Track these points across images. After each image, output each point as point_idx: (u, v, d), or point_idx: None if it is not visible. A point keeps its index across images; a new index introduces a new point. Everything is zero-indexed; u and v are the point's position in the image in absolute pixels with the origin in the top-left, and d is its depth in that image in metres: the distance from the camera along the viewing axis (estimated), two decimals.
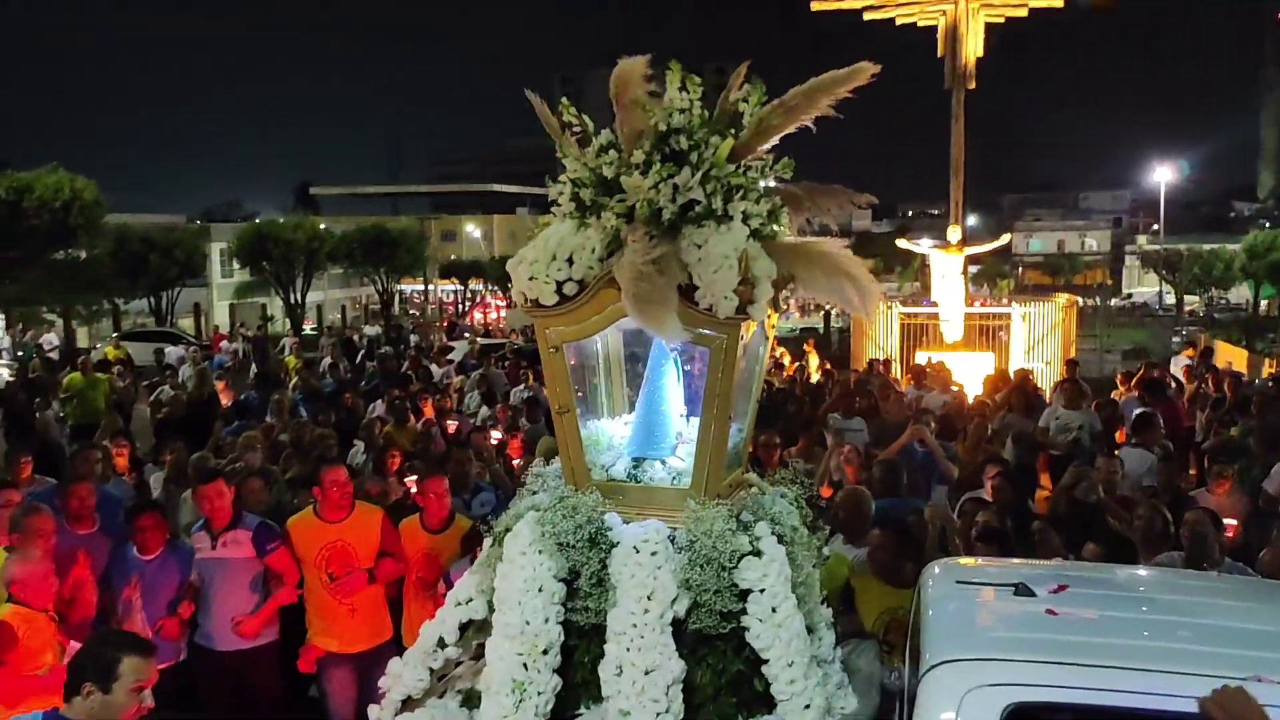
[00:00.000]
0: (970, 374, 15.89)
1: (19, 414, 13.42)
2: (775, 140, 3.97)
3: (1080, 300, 50.49)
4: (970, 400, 13.14)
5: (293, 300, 41.03)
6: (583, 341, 4.21)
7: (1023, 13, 19.11)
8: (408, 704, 4.20)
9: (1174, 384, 14.71)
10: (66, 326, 37.11)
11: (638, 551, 3.75)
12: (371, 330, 40.70)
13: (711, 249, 3.69)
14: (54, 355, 26.64)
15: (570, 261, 3.84)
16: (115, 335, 34.92)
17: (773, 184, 4.13)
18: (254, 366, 23.50)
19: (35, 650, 4.95)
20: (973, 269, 61.97)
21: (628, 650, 3.65)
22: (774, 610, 3.78)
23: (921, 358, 17.33)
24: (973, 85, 19.60)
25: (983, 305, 20.57)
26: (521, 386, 14.59)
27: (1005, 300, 21.48)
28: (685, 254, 3.71)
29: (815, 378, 16.30)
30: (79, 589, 5.73)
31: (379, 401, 12.92)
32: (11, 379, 20.24)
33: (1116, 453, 8.69)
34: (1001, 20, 19.28)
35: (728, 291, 3.67)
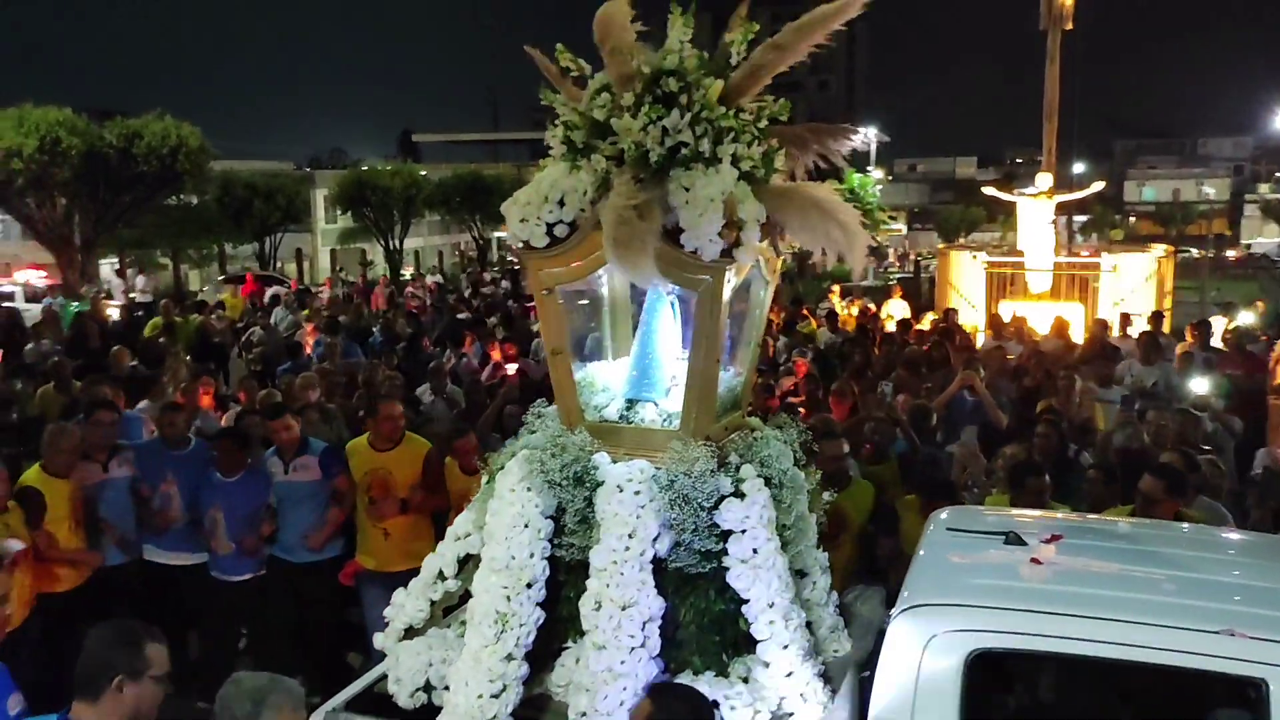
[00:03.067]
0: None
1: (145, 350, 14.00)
2: (768, 80, 3.93)
3: (1193, 251, 48.63)
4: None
5: (391, 246, 41.84)
6: (584, 285, 4.27)
7: None
8: (410, 633, 4.37)
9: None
10: (175, 270, 38.50)
11: (621, 490, 3.82)
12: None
13: (698, 191, 3.69)
14: (145, 298, 27.57)
15: (561, 203, 3.88)
16: (220, 279, 36.14)
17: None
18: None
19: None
20: (1080, 218, 60.20)
21: (607, 586, 3.73)
22: (755, 551, 3.82)
23: (1006, 308, 16.92)
24: (1070, 25, 18.80)
25: (1074, 255, 19.90)
26: None
27: (1095, 251, 20.70)
28: (673, 196, 3.72)
29: (890, 327, 16.04)
30: (167, 501, 6.50)
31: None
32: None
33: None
34: None
35: (713, 234, 3.67)
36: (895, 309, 18.67)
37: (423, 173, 45.29)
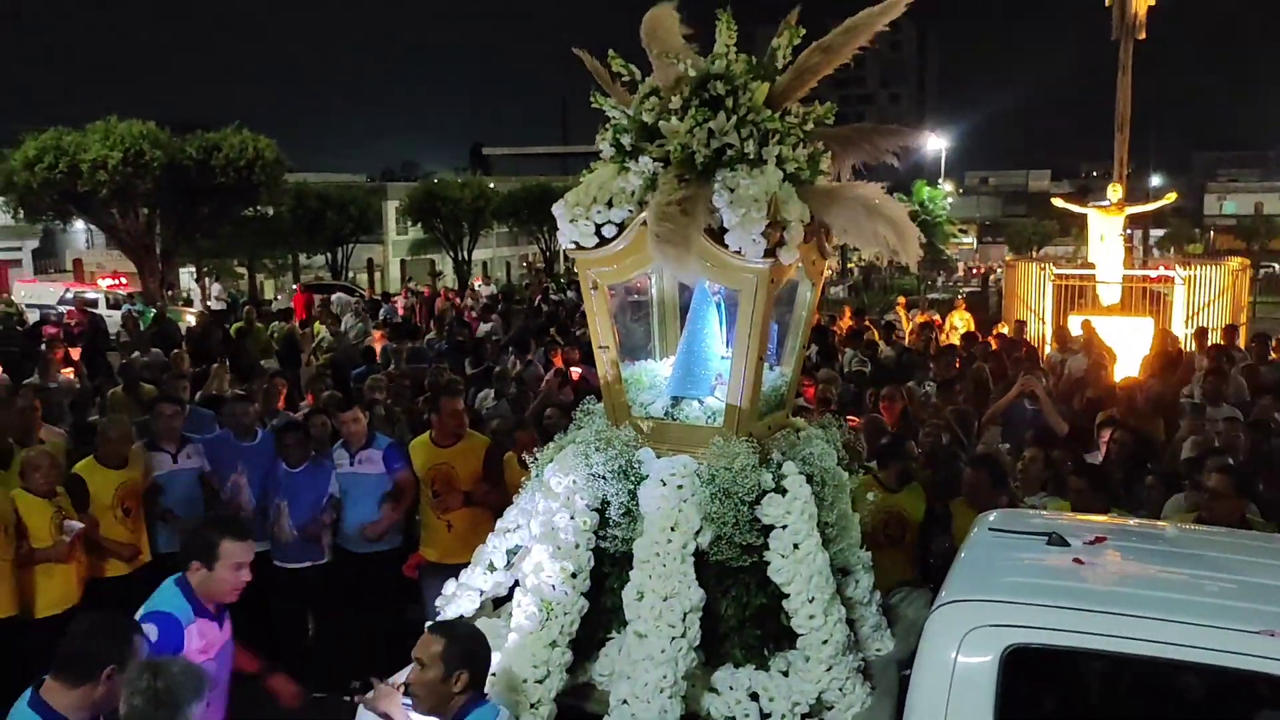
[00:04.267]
0: (1127, 339, 15.22)
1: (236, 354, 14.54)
2: (814, 82, 4.00)
3: (1276, 266, 47.26)
4: (1112, 366, 12.60)
5: (460, 257, 42.51)
6: (632, 284, 4.38)
7: None
8: None
9: None
10: (251, 279, 39.50)
11: (664, 484, 3.90)
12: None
13: (742, 192, 3.76)
14: (220, 305, 28.35)
15: (610, 204, 3.98)
16: (295, 287, 36.99)
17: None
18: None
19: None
20: (1158, 232, 58.90)
21: (650, 577, 3.82)
22: (795, 546, 3.88)
23: (1075, 321, 16.68)
24: (1143, 36, 18.51)
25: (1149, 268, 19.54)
26: None
27: (1168, 264, 20.28)
28: (717, 196, 3.80)
29: (952, 340, 15.90)
30: (236, 491, 6.82)
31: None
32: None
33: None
34: None
35: (756, 234, 3.74)
36: (959, 322, 18.51)
37: (491, 185, 45.93)
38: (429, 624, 3.64)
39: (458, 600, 4.48)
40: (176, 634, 3.91)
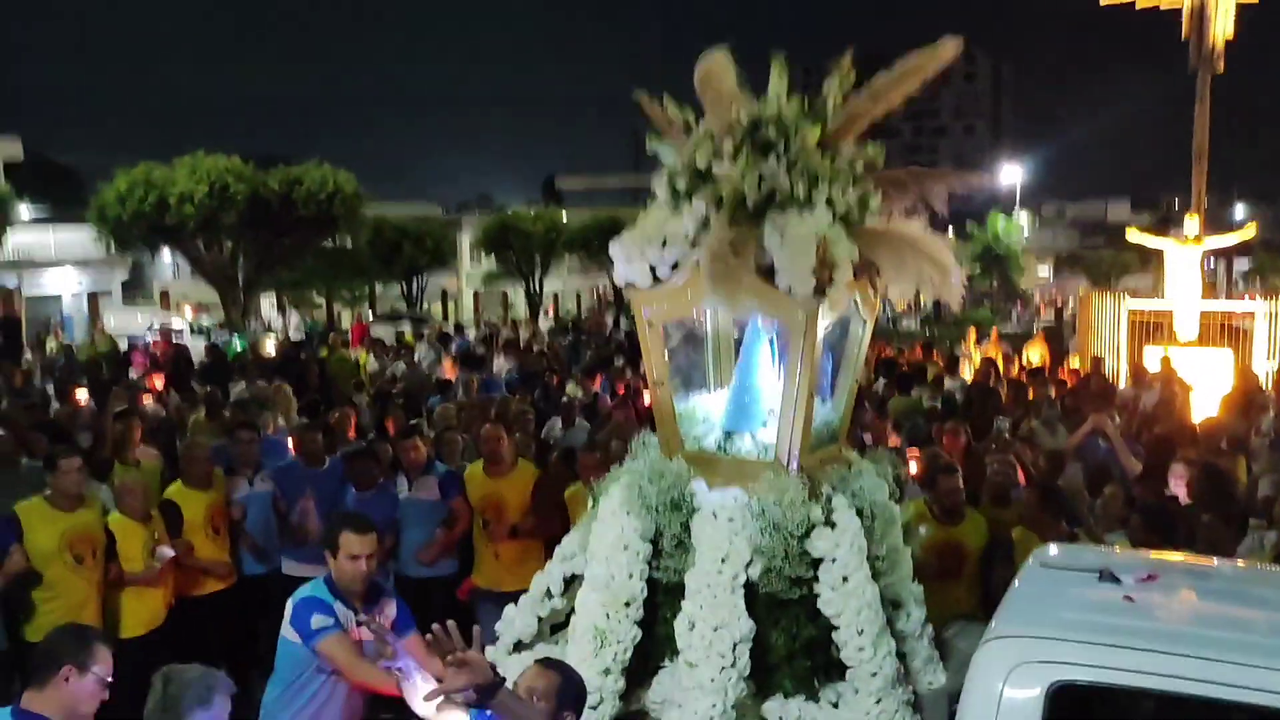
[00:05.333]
0: (1205, 372, 14.93)
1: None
2: (865, 125, 4.10)
3: None
4: (1189, 400, 12.38)
5: (531, 288, 43.05)
6: (687, 320, 4.50)
7: None
8: (518, 647, 4.62)
9: None
10: (329, 309, 40.38)
11: (716, 517, 4.01)
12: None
13: (792, 233, 3.88)
14: (298, 336, 29.06)
15: (664, 244, 4.12)
16: (371, 318, 37.78)
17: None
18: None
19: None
20: (1243, 264, 57.39)
21: (700, 608, 3.92)
22: (845, 579, 3.95)
23: (1151, 355, 16.40)
24: (1221, 68, 18.26)
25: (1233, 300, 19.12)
26: None
27: (1250, 297, 19.84)
28: (768, 237, 3.92)
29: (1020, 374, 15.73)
30: (304, 516, 6.93)
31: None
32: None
33: None
34: (1256, 1, 17.85)
35: (804, 273, 3.85)
36: (1035, 356, 18.31)
37: (564, 217, 46.46)
38: (538, 658, 3.66)
39: (515, 625, 4.61)
40: (328, 611, 4.21)
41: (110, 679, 3.61)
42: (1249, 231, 21.24)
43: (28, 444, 7.82)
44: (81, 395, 11.50)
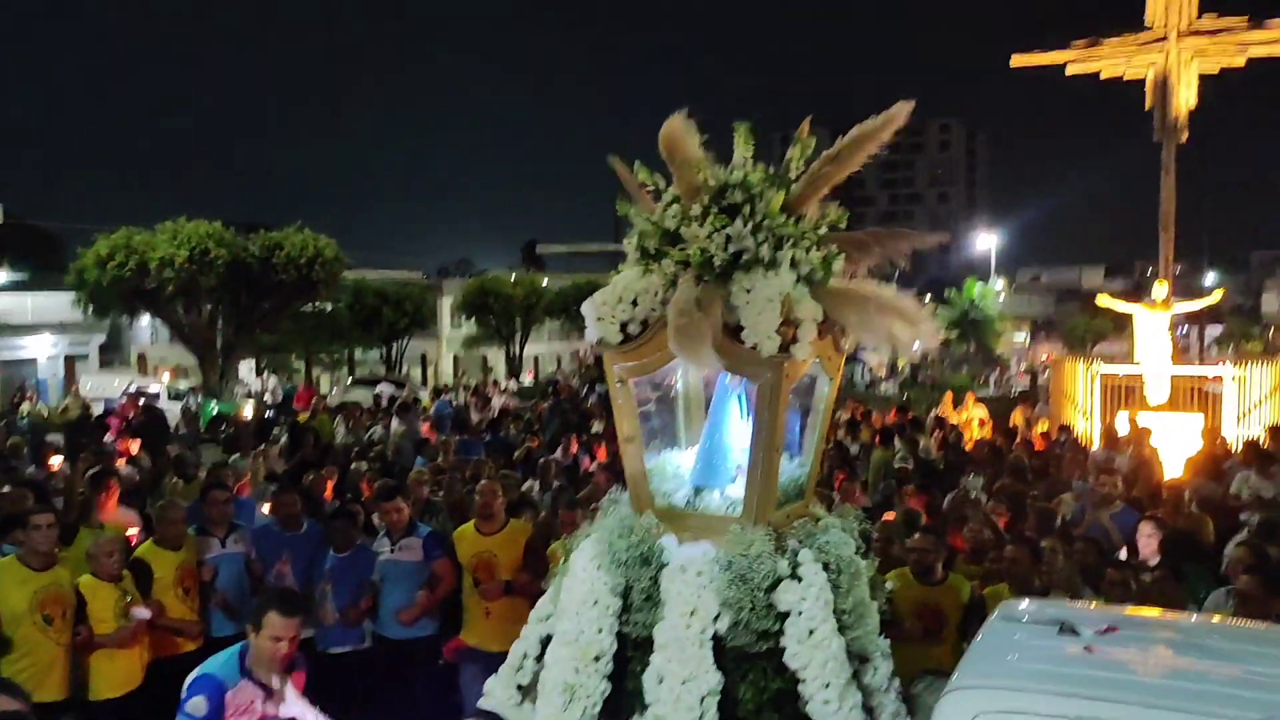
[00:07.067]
0: (1176, 436, 15.12)
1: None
2: (826, 190, 4.25)
3: None
4: (1160, 463, 12.54)
5: (511, 352, 43.18)
6: (657, 378, 4.60)
7: (1240, 61, 18.16)
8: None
9: None
10: (308, 373, 40.31)
11: (685, 571, 4.08)
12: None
13: (757, 293, 4.01)
14: (275, 399, 28.99)
15: (635, 304, 4.24)
16: (350, 381, 37.72)
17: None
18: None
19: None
20: (1215, 330, 58.17)
21: (669, 661, 3.97)
22: (811, 633, 4.01)
23: (1122, 420, 16.59)
24: (1185, 138, 18.76)
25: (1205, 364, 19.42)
26: None
27: (1219, 362, 20.17)
28: (734, 296, 4.05)
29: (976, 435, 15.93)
30: (281, 579, 6.94)
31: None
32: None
33: None
34: (1216, 72, 18.40)
35: (770, 332, 3.97)
36: (1015, 419, 18.51)
37: (544, 282, 46.77)
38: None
39: (496, 696, 4.60)
40: (217, 692, 4.26)
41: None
42: (1216, 296, 21.62)
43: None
44: (55, 460, 11.48)
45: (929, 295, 47.57)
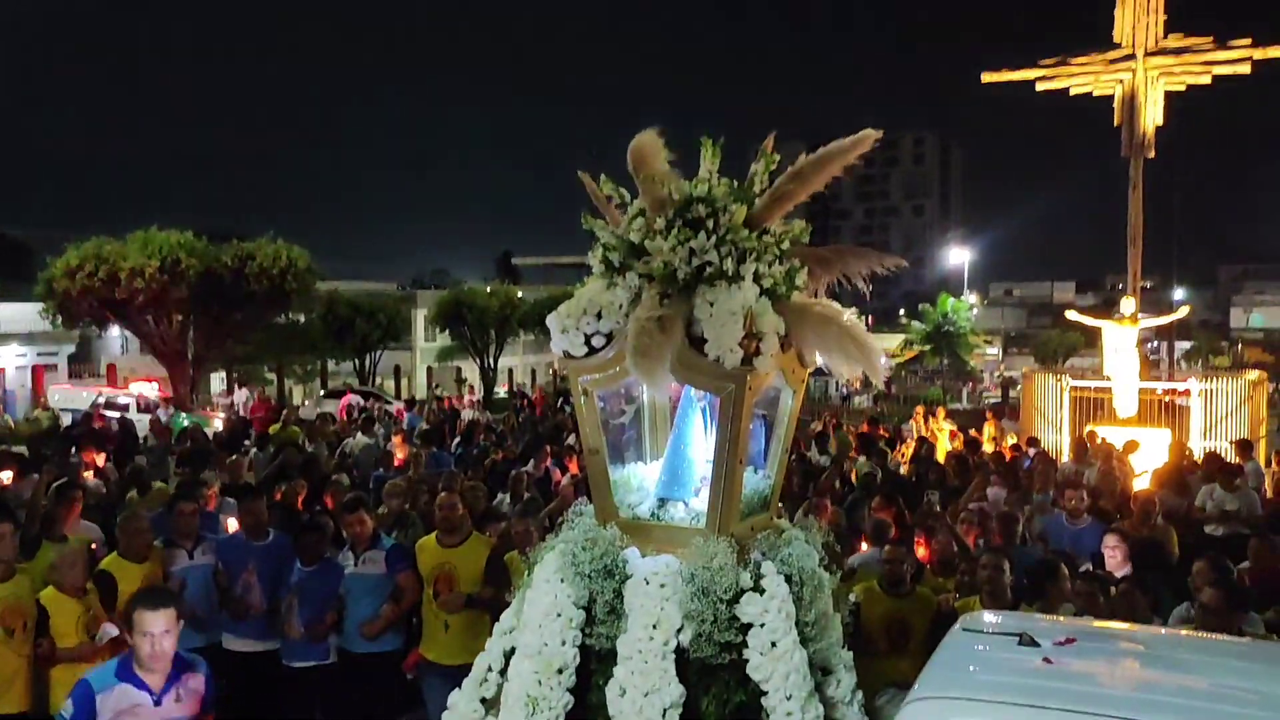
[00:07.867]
0: (1144, 450, 15.29)
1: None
2: (791, 205, 4.28)
3: None
4: (1129, 474, 12.68)
5: (485, 364, 43.05)
6: (622, 390, 4.61)
7: (1206, 80, 18.44)
8: None
9: None
10: (280, 384, 40.05)
11: (648, 583, 4.09)
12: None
13: (720, 306, 4.03)
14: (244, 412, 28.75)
15: (599, 316, 4.25)
16: (322, 393, 37.49)
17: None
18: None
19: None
20: (1184, 345, 58.80)
21: (632, 674, 3.97)
22: (773, 644, 4.02)
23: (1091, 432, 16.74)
24: (1152, 154, 19.02)
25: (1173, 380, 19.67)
26: None
27: (1185, 376, 20.41)
28: (698, 310, 4.07)
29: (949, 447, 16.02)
30: (248, 589, 6.91)
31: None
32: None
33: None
34: (1183, 89, 18.67)
35: (732, 345, 3.99)
36: (985, 433, 18.63)
37: (519, 293, 46.69)
38: None
39: (459, 710, 4.58)
40: (85, 698, 4.41)
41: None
42: (1183, 312, 21.91)
43: None
44: (5, 475, 11.33)
45: (902, 310, 47.87)
